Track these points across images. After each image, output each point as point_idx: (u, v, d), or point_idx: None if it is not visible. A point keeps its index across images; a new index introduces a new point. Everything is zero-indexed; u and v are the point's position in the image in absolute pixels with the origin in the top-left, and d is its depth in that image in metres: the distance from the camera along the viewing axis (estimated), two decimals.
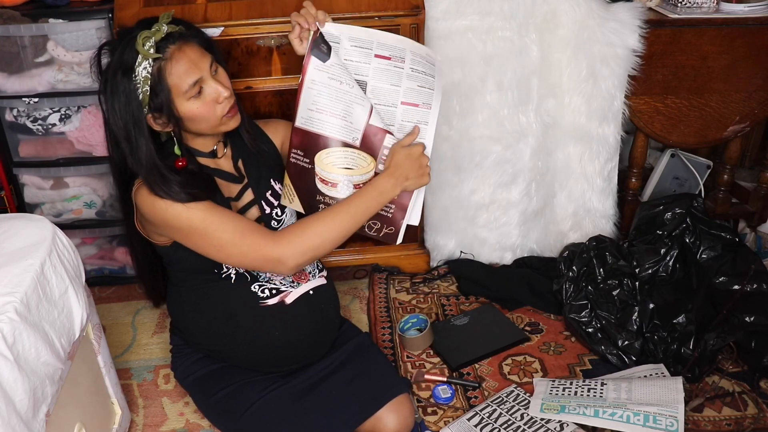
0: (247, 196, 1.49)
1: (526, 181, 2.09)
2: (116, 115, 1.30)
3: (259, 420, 1.40)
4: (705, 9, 1.96)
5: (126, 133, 1.31)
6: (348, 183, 1.43)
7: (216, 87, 1.33)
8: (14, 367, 1.03)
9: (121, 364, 1.83)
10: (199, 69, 1.31)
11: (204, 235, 1.33)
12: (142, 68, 1.27)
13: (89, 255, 2.17)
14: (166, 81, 1.29)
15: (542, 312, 2.00)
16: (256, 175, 1.51)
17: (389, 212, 1.46)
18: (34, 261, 1.18)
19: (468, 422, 1.58)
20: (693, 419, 1.59)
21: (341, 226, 1.37)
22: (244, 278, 1.44)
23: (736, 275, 1.85)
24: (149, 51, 1.26)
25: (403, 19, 1.80)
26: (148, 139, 1.32)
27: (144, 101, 1.29)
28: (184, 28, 1.35)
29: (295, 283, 1.47)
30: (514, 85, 1.97)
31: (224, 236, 1.33)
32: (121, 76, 1.28)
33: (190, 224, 1.32)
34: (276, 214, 1.52)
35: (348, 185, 1.43)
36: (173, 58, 1.29)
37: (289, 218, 1.55)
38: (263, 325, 1.43)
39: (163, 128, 1.36)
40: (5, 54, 1.88)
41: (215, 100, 1.34)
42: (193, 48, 1.32)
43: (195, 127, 1.37)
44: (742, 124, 2.08)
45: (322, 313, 1.49)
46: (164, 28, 1.30)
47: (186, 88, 1.30)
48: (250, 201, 1.49)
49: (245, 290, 1.43)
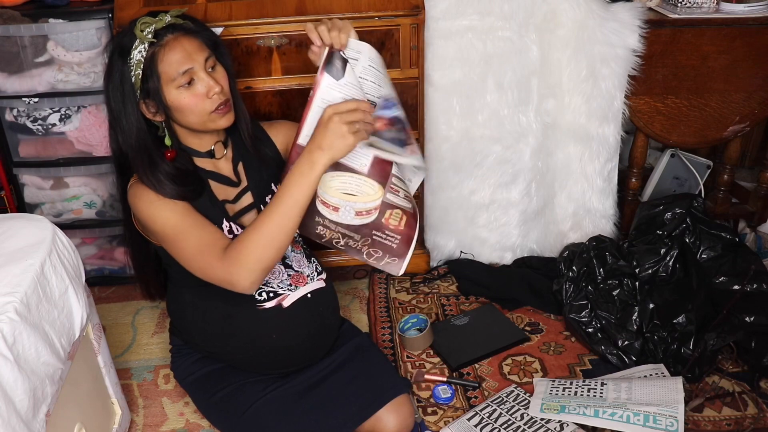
0: (246, 199, 1.48)
1: (526, 181, 2.09)
2: (110, 96, 1.33)
3: (259, 420, 1.40)
4: (705, 9, 1.96)
5: (118, 114, 1.33)
6: (350, 209, 1.33)
7: (207, 81, 1.32)
8: (14, 367, 1.03)
9: (121, 364, 1.83)
10: (191, 60, 1.31)
11: (173, 243, 1.33)
12: (137, 51, 1.29)
13: (89, 255, 2.17)
14: (158, 67, 1.30)
15: (542, 312, 2.01)
16: (257, 178, 1.49)
17: (394, 242, 1.36)
18: (34, 261, 1.18)
19: (468, 422, 1.58)
20: (693, 419, 1.59)
21: (278, 227, 1.27)
22: None
23: (736, 275, 1.85)
24: (146, 36, 1.28)
25: (403, 19, 1.80)
26: (140, 121, 1.33)
27: (136, 84, 1.30)
28: (190, 22, 1.36)
29: (292, 286, 1.46)
30: (514, 85, 1.97)
31: (186, 250, 1.32)
32: (117, 58, 1.31)
33: (164, 228, 1.32)
34: None
35: (350, 211, 1.34)
36: (167, 46, 1.30)
37: None
38: (260, 327, 1.43)
39: (154, 117, 1.36)
40: (5, 54, 1.88)
41: (205, 93, 1.33)
42: (192, 41, 1.33)
43: (183, 120, 1.36)
44: (742, 124, 2.08)
45: (320, 316, 1.49)
46: (167, 18, 1.31)
47: (175, 75, 1.30)
48: (249, 204, 1.48)
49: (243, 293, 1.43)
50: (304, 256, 1.53)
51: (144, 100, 1.33)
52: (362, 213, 1.34)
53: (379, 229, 1.34)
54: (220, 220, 1.40)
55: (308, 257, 1.54)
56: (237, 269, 1.28)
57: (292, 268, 1.48)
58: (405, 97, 1.91)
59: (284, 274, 1.46)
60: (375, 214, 1.33)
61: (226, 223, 1.41)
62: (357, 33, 1.32)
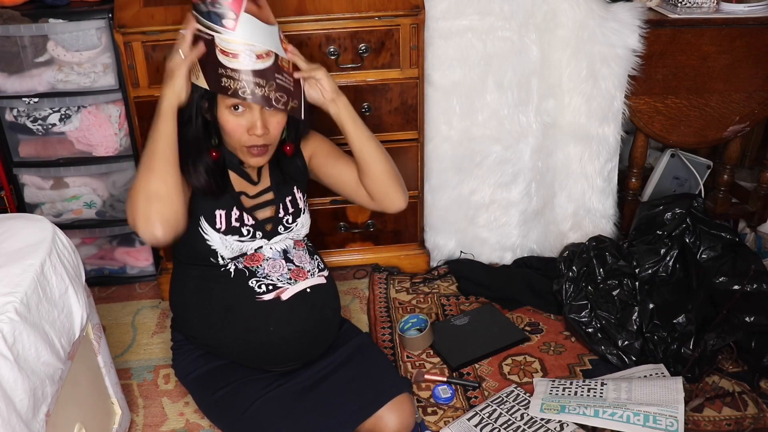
0: (266, 196, 1.52)
1: (526, 181, 2.09)
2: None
3: (259, 419, 1.40)
4: (705, 9, 1.96)
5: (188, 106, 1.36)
6: (250, 53, 1.30)
7: (254, 118, 1.35)
8: (14, 367, 1.03)
9: (121, 364, 1.83)
10: None
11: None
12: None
13: (89, 255, 2.17)
14: None
15: (542, 312, 2.01)
16: (280, 179, 1.53)
17: (291, 84, 1.36)
18: (34, 261, 1.18)
19: (468, 422, 1.58)
20: (693, 419, 1.59)
21: (149, 164, 1.28)
22: (243, 273, 1.45)
23: (736, 275, 1.85)
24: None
25: (403, 19, 1.80)
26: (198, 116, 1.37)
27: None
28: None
29: (292, 280, 1.47)
30: (514, 85, 1.97)
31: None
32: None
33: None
34: (287, 221, 1.52)
35: (250, 56, 1.30)
36: None
37: (298, 228, 1.55)
38: (258, 319, 1.44)
39: (205, 114, 1.39)
40: (5, 54, 1.88)
41: (246, 128, 1.36)
42: None
43: (223, 133, 1.41)
44: (742, 124, 2.08)
45: (319, 311, 1.49)
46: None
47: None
48: (269, 200, 1.51)
49: (243, 284, 1.44)
50: (306, 252, 1.54)
51: (205, 97, 1.36)
52: (262, 56, 1.32)
53: (279, 71, 1.34)
54: (230, 206, 1.44)
55: (311, 254, 1.56)
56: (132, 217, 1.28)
57: (293, 262, 1.49)
58: (405, 97, 1.91)
59: (284, 268, 1.48)
60: (273, 56, 1.33)
61: (236, 211, 1.45)
62: (357, 33, 1.33)
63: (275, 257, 1.48)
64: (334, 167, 1.57)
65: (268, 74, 1.32)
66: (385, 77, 1.88)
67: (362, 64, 1.85)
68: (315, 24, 1.79)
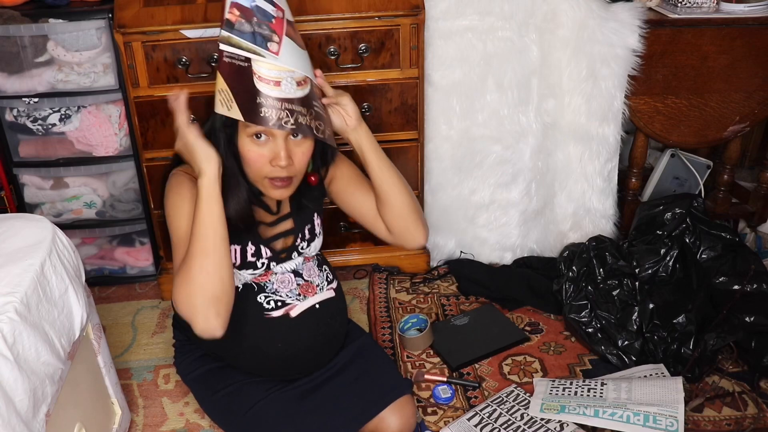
0: (285, 225, 1.46)
1: (526, 181, 2.09)
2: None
3: (262, 420, 1.40)
4: (705, 9, 1.96)
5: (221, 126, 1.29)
6: (291, 80, 1.22)
7: (278, 148, 1.25)
8: (14, 367, 1.03)
9: (121, 364, 1.83)
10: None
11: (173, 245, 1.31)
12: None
13: (89, 255, 2.17)
14: None
15: (542, 312, 2.01)
16: (300, 205, 1.46)
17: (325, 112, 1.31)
18: (34, 261, 1.18)
19: (468, 422, 1.58)
20: (693, 419, 1.59)
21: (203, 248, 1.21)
22: (251, 288, 1.42)
23: (736, 275, 1.85)
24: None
25: (403, 19, 1.80)
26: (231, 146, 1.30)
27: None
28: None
29: (301, 296, 1.44)
30: (514, 85, 1.97)
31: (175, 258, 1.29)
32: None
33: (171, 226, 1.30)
34: (302, 247, 1.48)
35: (291, 83, 1.22)
36: None
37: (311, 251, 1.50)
38: (266, 336, 1.41)
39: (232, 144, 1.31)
40: (5, 54, 1.88)
41: (269, 158, 1.26)
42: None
43: (243, 165, 1.31)
44: (742, 124, 2.08)
45: (327, 326, 1.47)
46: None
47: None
48: (288, 230, 1.45)
49: (251, 300, 1.41)
50: (315, 264, 1.51)
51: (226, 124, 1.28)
52: (301, 83, 1.24)
53: (315, 99, 1.28)
54: (245, 241, 1.38)
55: (320, 265, 1.52)
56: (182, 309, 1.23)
57: (302, 277, 1.46)
58: (405, 97, 1.91)
59: (293, 283, 1.45)
60: (309, 83, 1.26)
61: (252, 246, 1.39)
62: (357, 33, 1.31)
63: (284, 272, 1.45)
64: (353, 195, 1.49)
65: (307, 102, 1.25)
66: (385, 77, 1.88)
67: (362, 64, 1.85)
68: (315, 24, 1.79)
